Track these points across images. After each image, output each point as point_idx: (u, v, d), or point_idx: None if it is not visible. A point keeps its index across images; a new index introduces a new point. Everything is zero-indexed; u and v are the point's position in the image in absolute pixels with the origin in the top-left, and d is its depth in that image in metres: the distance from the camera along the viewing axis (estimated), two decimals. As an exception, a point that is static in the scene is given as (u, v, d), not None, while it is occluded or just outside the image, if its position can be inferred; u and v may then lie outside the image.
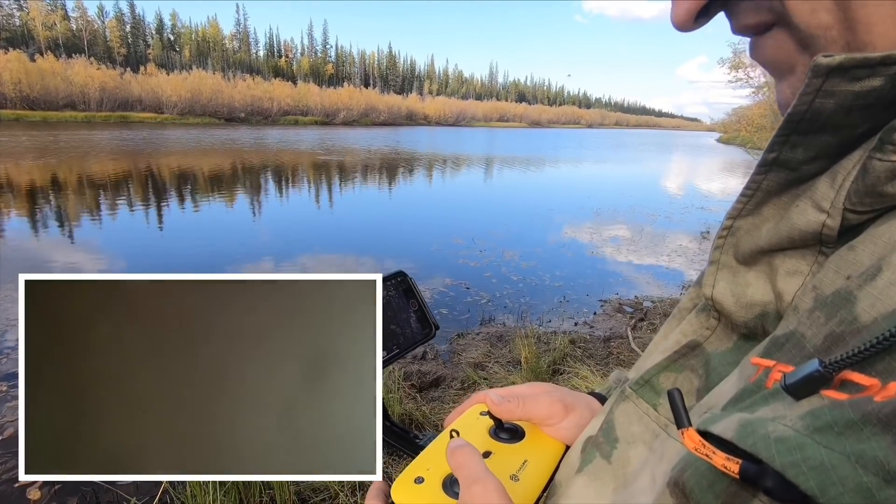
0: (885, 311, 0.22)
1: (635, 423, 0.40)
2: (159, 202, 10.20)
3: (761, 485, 0.22)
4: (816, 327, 0.26)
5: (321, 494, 2.17)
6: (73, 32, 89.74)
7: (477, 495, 0.35)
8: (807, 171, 0.29)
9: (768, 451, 0.22)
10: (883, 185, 0.25)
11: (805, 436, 0.21)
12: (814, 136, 0.27)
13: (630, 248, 7.66)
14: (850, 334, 0.23)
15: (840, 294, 0.25)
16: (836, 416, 0.21)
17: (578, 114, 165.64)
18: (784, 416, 0.23)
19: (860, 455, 0.19)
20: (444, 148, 31.50)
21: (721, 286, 0.34)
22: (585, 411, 0.50)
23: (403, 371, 3.42)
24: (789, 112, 0.26)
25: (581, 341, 4.08)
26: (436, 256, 6.87)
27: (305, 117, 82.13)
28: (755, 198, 0.31)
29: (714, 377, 0.35)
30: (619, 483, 0.38)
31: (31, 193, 10.27)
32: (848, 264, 0.26)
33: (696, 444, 0.26)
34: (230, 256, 6.59)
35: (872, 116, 0.25)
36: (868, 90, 0.24)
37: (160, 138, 29.53)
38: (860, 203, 0.26)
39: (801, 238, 0.29)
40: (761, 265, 0.32)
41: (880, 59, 0.23)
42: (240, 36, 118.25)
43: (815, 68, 0.24)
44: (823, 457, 0.20)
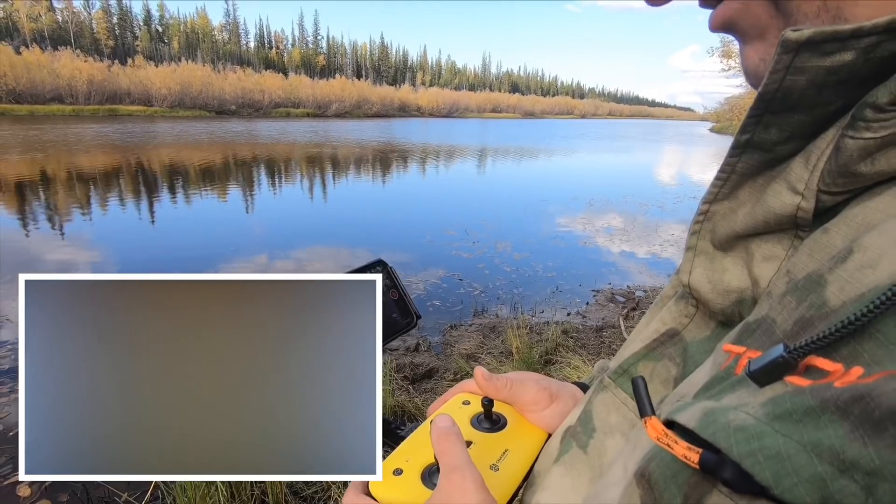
0: (854, 294, 0.22)
1: (613, 412, 0.39)
2: (150, 196, 10.10)
3: (720, 475, 0.21)
4: (787, 312, 0.25)
5: (313, 487, 2.17)
6: (58, 24, 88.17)
7: (454, 483, 0.35)
8: (781, 151, 0.28)
9: (727, 441, 0.21)
10: (856, 165, 0.24)
11: (765, 424, 0.20)
12: (787, 115, 0.26)
13: (622, 238, 7.68)
14: (819, 319, 0.23)
15: (811, 278, 0.25)
16: (795, 403, 0.20)
17: (572, 104, 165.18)
18: (747, 404, 0.22)
19: (816, 444, 0.19)
20: (437, 139, 31.37)
21: (698, 273, 0.34)
22: (569, 400, 0.50)
23: (396, 363, 3.43)
24: (760, 91, 0.25)
25: (573, 331, 4.10)
26: (429, 248, 6.86)
27: (297, 109, 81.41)
28: (730, 181, 0.30)
29: (691, 365, 0.34)
30: (595, 473, 0.38)
31: (20, 188, 10.14)
32: (821, 247, 0.25)
33: (659, 434, 0.26)
34: (223, 250, 6.54)
35: (846, 93, 0.24)
36: (839, 65, 0.23)
37: (149, 132, 29.20)
38: (834, 184, 0.25)
39: (776, 221, 0.28)
40: (738, 250, 0.32)
41: (850, 31, 0.21)
42: (229, 27, 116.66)
43: (783, 43, 0.23)
44: (780, 446, 0.19)
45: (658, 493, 0.25)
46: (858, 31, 0.21)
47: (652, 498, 0.26)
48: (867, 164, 0.24)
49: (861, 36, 0.21)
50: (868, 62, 0.22)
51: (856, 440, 0.17)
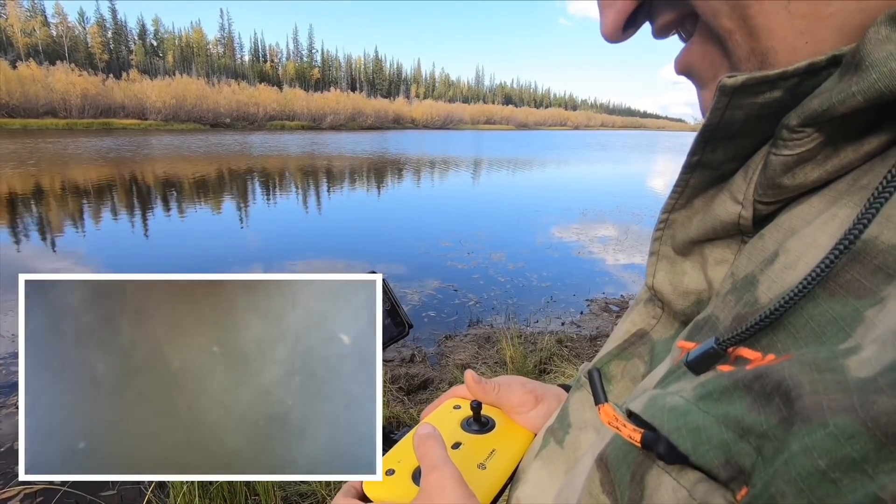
0: (778, 292, 0.25)
1: (588, 409, 0.41)
2: (144, 209, 10.07)
3: (656, 450, 0.24)
4: (728, 310, 0.28)
5: (308, 499, 2.16)
6: (53, 39, 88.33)
7: (433, 482, 0.37)
8: (728, 168, 0.31)
9: (661, 419, 0.24)
10: (780, 178, 0.27)
11: (692, 404, 0.23)
12: (729, 141, 0.29)
13: (616, 248, 7.73)
14: (751, 315, 0.25)
15: (747, 278, 0.28)
16: (716, 384, 0.23)
17: (565, 116, 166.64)
18: (683, 389, 0.25)
19: (725, 416, 0.22)
20: (432, 151, 31.53)
21: (661, 276, 0.36)
22: (554, 401, 0.53)
23: (391, 374, 3.42)
24: (704, 123, 0.28)
25: (568, 341, 4.11)
26: (424, 259, 6.87)
27: (292, 122, 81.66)
28: (685, 194, 0.33)
29: (656, 363, 0.37)
30: (570, 465, 0.40)
31: (11, 202, 10.09)
32: (757, 251, 0.28)
33: (610, 419, 0.29)
34: (218, 263, 6.52)
35: (777, 121, 0.27)
36: (770, 101, 0.26)
37: (143, 145, 29.17)
38: (765, 195, 0.28)
39: (723, 228, 0.31)
40: (695, 255, 0.34)
41: (777, 75, 0.25)
42: (224, 41, 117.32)
43: (721, 88, 0.26)
44: (700, 420, 0.22)
45: (612, 474, 0.28)
46: (783, 75, 0.25)
47: (609, 479, 0.28)
48: (789, 178, 0.27)
49: (787, 78, 0.25)
50: (795, 96, 0.25)
51: (753, 410, 0.21)
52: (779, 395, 0.20)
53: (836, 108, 0.23)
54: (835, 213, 0.25)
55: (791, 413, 0.19)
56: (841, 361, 0.19)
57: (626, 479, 0.27)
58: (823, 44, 0.24)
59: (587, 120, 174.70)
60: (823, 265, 0.22)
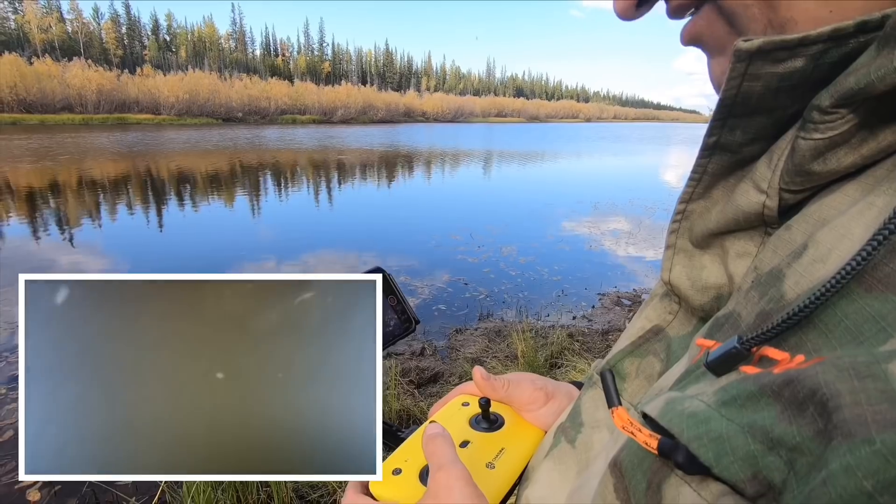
0: (807, 287, 0.23)
1: (601, 408, 0.40)
2: (159, 203, 10.20)
3: (674, 459, 0.23)
4: (751, 306, 0.26)
5: (319, 491, 2.18)
6: (68, 35, 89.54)
7: (440, 481, 0.36)
8: (748, 152, 0.29)
9: (680, 426, 0.22)
10: (809, 164, 0.25)
11: (713, 410, 0.22)
12: (748, 118, 0.27)
13: (628, 241, 7.65)
14: (776, 311, 0.24)
15: (773, 273, 0.26)
16: (741, 389, 0.21)
17: (577, 108, 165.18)
18: (703, 393, 0.23)
19: (752, 425, 0.20)
20: (443, 144, 31.46)
21: (677, 270, 0.34)
22: (565, 399, 0.51)
23: (401, 367, 3.43)
24: (721, 97, 0.26)
25: (579, 335, 4.08)
26: (435, 253, 6.86)
27: (303, 116, 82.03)
28: (703, 181, 0.31)
29: (673, 360, 0.35)
30: (582, 466, 0.39)
31: (30, 196, 10.28)
32: (784, 243, 0.27)
33: (624, 423, 0.27)
34: (231, 256, 6.59)
35: (800, 97, 0.25)
36: (791, 71, 0.24)
37: (158, 140, 29.50)
38: (792, 182, 0.26)
39: (745, 219, 0.29)
40: (714, 248, 0.32)
41: (798, 40, 0.22)
42: (236, 35, 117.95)
43: (736, 53, 0.24)
44: (723, 429, 0.21)
45: (627, 480, 0.27)
46: (805, 40, 0.22)
47: (623, 485, 0.27)
48: (819, 164, 0.25)
49: (808, 44, 0.22)
50: (818, 68, 0.23)
51: (784, 420, 0.19)
52: (813, 405, 0.18)
53: (874, 86, 0.20)
54: (872, 201, 0.23)
55: (829, 425, 0.17)
56: (883, 366, 0.17)
57: (641, 486, 0.25)
58: (851, 13, 0.22)
59: (599, 112, 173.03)
60: (860, 257, 0.20)
